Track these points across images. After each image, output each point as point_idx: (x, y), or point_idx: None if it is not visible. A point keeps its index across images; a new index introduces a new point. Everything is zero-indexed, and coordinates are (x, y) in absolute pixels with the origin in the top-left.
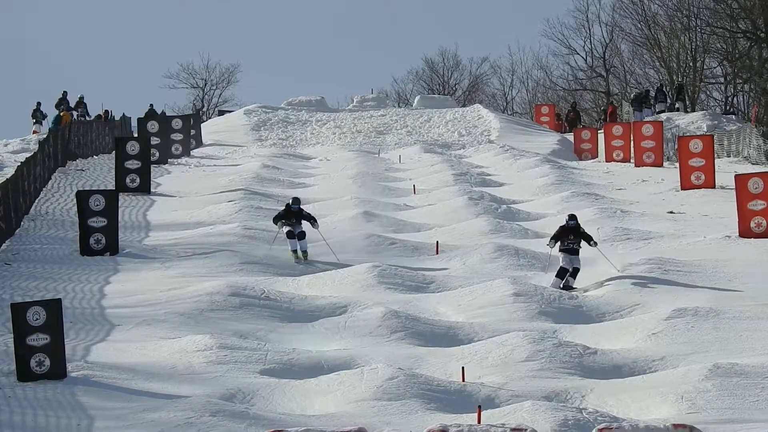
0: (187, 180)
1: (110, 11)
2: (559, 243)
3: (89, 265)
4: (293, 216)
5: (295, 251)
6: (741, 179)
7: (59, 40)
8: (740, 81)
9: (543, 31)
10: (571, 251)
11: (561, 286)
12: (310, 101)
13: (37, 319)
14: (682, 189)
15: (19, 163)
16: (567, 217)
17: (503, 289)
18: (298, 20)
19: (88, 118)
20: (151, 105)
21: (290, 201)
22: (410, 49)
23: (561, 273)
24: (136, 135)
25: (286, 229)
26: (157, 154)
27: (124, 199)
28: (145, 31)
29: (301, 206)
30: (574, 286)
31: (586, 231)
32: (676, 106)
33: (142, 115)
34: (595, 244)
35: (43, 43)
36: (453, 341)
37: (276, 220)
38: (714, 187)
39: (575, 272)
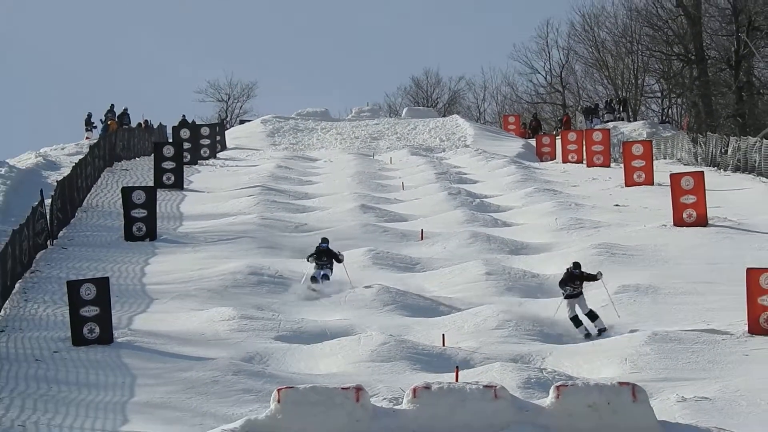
0: (214, 178)
1: (150, 37)
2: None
3: (132, 249)
4: (323, 254)
5: (314, 278)
6: (675, 177)
7: (108, 61)
8: (674, 96)
9: (510, 54)
10: (574, 296)
11: (588, 332)
12: (316, 112)
13: (88, 293)
14: (626, 186)
15: (74, 164)
16: (571, 265)
17: (477, 269)
18: (306, 45)
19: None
20: (184, 116)
21: (319, 241)
22: (400, 68)
23: (576, 322)
24: (171, 140)
25: (312, 271)
26: (189, 157)
27: (161, 194)
28: (179, 54)
29: (329, 246)
30: (604, 327)
31: (587, 273)
32: (621, 116)
33: (176, 124)
34: (600, 276)
35: (94, 64)
36: (435, 313)
37: (308, 258)
38: (652, 184)
39: (592, 315)
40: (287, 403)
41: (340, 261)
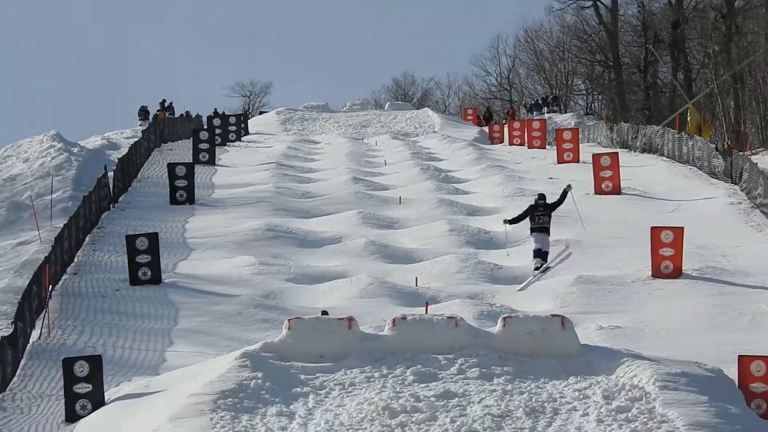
0: (239, 156)
1: (191, 47)
2: None
3: (175, 211)
4: None
5: None
6: (596, 157)
7: (158, 65)
8: (596, 93)
9: (470, 59)
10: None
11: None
12: (318, 105)
13: (142, 245)
14: (558, 163)
15: (131, 145)
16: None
17: (442, 227)
18: (311, 52)
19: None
20: (215, 108)
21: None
22: (384, 71)
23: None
24: (206, 127)
25: None
26: (220, 140)
27: (198, 168)
28: (213, 60)
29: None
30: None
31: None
32: (555, 109)
33: (210, 114)
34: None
35: (147, 68)
36: (410, 260)
37: None
38: (579, 162)
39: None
40: (296, 330)
41: None
